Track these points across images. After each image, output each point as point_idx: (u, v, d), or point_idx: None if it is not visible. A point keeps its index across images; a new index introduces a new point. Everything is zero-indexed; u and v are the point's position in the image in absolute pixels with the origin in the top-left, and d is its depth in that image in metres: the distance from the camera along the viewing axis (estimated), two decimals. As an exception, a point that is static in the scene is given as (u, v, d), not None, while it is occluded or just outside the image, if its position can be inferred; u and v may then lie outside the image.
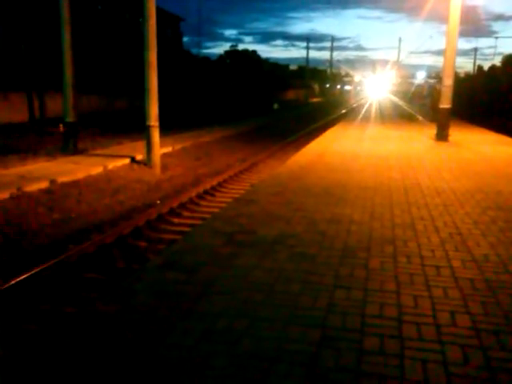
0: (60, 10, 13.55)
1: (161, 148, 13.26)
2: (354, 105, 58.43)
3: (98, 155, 13.84)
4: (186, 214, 9.26)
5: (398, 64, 63.92)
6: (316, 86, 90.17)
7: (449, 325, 3.36)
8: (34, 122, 20.88)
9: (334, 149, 12.96)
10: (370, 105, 43.92)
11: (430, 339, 3.16)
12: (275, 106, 44.38)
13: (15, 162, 12.16)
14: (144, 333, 3.17)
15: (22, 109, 21.31)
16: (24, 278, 5.76)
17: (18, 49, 22.24)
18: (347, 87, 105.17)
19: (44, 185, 10.04)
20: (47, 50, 21.87)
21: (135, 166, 13.02)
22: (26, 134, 17.84)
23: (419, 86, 56.64)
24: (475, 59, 61.62)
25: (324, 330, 3.26)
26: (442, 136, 15.30)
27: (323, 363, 2.86)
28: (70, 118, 14.05)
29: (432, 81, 54.36)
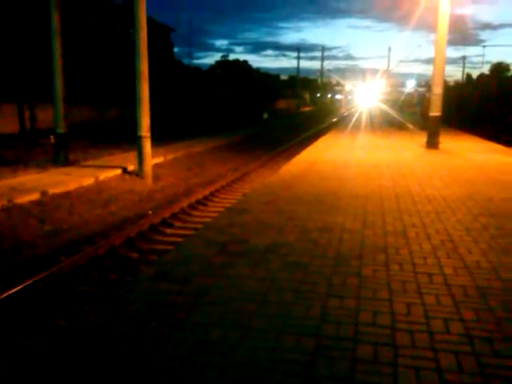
0: (51, 22, 13.56)
1: (152, 158, 13.25)
2: (345, 113, 58.77)
3: (89, 166, 13.80)
4: (178, 224, 9.24)
5: (387, 73, 64.47)
6: (307, 96, 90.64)
7: (442, 332, 3.36)
8: (25, 134, 20.79)
9: (325, 158, 13.00)
10: (361, 113, 44.18)
11: (424, 347, 3.16)
12: (265, 115, 44.39)
13: (6, 174, 12.10)
14: (137, 345, 3.15)
15: (13, 120, 21.22)
16: (15, 291, 5.72)
17: (8, 59, 22.18)
18: (338, 96, 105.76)
19: (35, 196, 9.98)
20: (38, 61, 21.83)
21: (127, 176, 12.99)
22: (16, 145, 17.76)
23: (409, 94, 57.12)
24: (464, 67, 62.42)
25: (318, 339, 3.25)
26: (432, 144, 15.40)
27: (317, 372, 2.85)
28: (61, 129, 14.02)
29: (422, 89, 54.83)
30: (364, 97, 77.39)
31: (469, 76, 58.04)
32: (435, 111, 15.42)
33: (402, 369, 2.90)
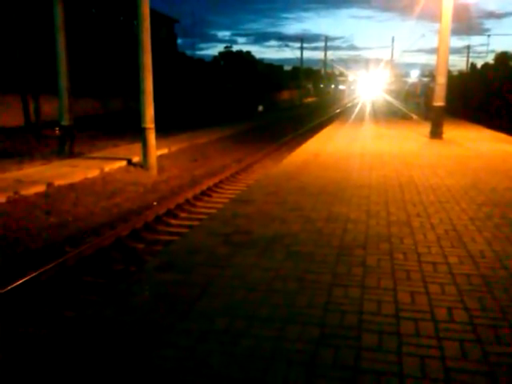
0: (54, 16, 13.56)
1: (157, 150, 13.27)
2: (348, 104, 58.52)
3: (94, 158, 13.84)
4: (182, 215, 9.27)
5: (391, 63, 64.06)
6: (310, 86, 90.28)
7: (446, 320, 3.38)
8: (30, 126, 20.82)
9: (328, 148, 12.99)
10: (364, 104, 44.02)
11: (428, 335, 3.18)
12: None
13: (11, 166, 12.16)
14: (143, 334, 3.18)
15: (18, 112, 21.23)
16: (22, 282, 5.76)
17: (12, 51, 22.17)
18: (341, 87, 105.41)
19: (41, 188, 10.04)
20: (42, 53, 21.81)
21: (132, 168, 13.03)
22: (21, 137, 17.81)
23: (413, 84, 56.73)
24: (468, 57, 61.76)
25: (322, 328, 3.28)
26: (436, 134, 15.35)
27: (322, 361, 2.88)
28: (66, 122, 14.07)
29: (425, 79, 54.42)
30: (367, 87, 77.05)
31: (473, 65, 57.68)
32: (439, 101, 15.34)
33: (406, 357, 2.92)
